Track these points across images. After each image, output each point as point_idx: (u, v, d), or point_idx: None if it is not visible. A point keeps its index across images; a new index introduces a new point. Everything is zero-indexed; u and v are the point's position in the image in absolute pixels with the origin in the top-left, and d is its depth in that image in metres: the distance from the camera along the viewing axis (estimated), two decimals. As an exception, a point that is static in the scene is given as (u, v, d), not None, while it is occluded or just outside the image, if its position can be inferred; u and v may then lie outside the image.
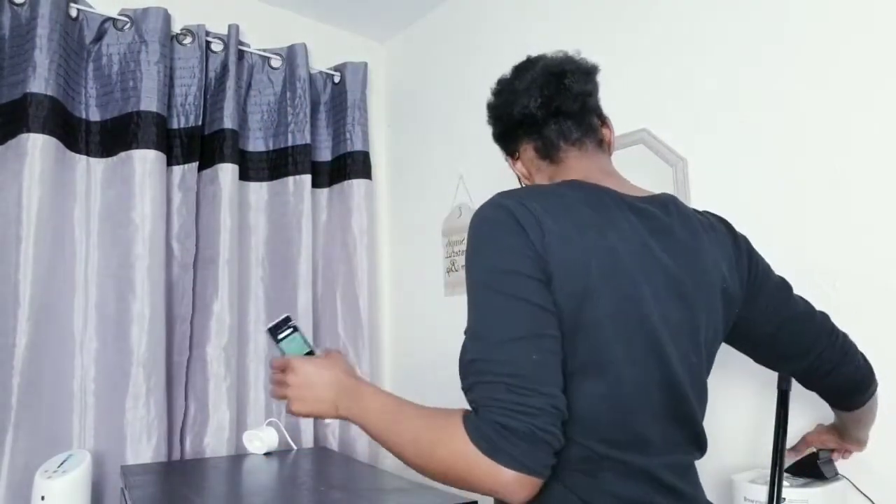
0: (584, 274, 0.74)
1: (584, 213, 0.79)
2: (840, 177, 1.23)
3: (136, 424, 1.69)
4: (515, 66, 1.01)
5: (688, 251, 0.86)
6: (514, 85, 0.96)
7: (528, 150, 0.97)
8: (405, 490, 1.32)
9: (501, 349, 0.71)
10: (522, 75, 0.97)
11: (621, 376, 0.76)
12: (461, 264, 2.08)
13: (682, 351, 0.81)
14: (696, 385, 0.85)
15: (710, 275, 0.87)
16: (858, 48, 1.22)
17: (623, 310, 0.76)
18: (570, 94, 0.93)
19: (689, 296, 0.83)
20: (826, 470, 1.14)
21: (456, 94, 2.18)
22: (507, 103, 0.96)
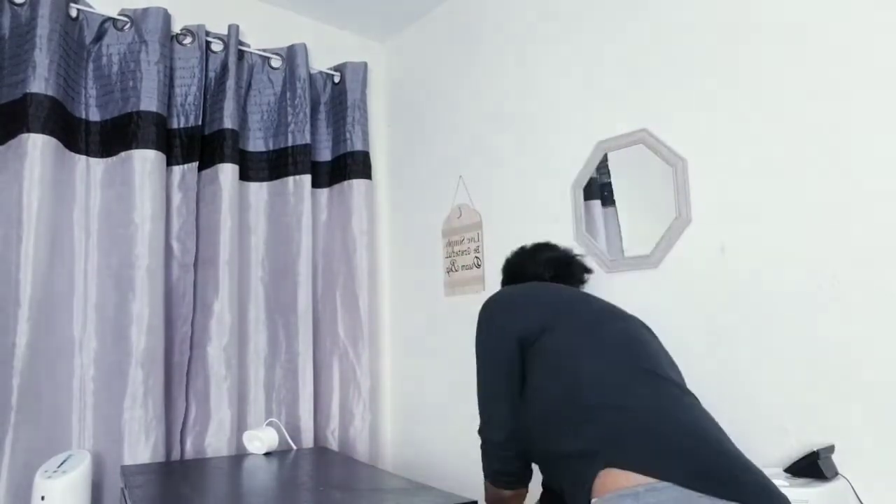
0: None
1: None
2: (839, 176, 1.23)
3: (133, 424, 1.69)
4: (537, 245, 1.50)
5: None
6: (535, 258, 1.45)
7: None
8: (405, 490, 1.32)
9: (481, 403, 1.27)
10: (541, 252, 1.47)
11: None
12: (461, 264, 2.08)
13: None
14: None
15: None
16: (858, 48, 1.22)
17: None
18: (570, 273, 1.46)
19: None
20: (826, 470, 1.14)
21: (456, 94, 2.18)
22: (524, 264, 1.45)
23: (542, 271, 1.40)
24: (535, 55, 1.88)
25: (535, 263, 1.42)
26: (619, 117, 1.63)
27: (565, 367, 1.10)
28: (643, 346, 1.13)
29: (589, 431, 0.99)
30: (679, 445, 0.93)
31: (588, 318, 1.18)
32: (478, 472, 1.95)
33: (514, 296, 1.27)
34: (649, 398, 1.01)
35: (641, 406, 1.00)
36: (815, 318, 1.25)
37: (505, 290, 1.29)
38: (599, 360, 1.08)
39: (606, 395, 1.03)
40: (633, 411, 0.99)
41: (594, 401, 1.02)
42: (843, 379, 1.20)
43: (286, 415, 2.04)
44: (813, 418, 1.24)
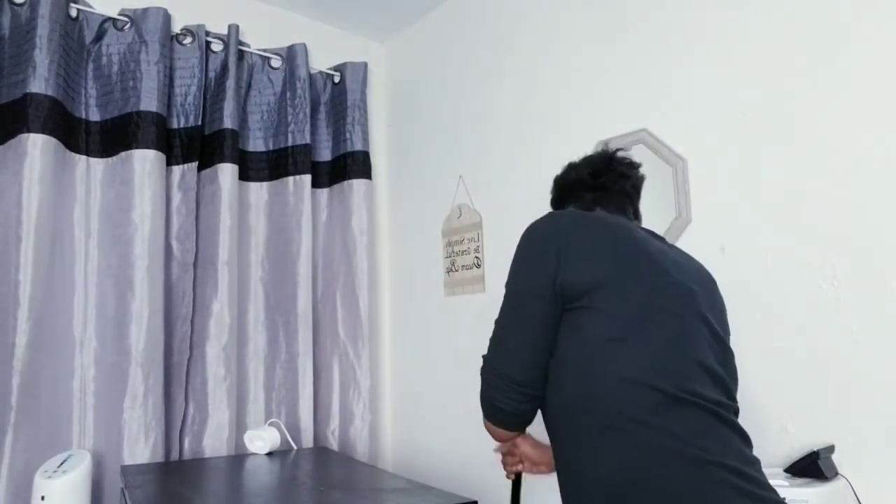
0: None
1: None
2: (839, 175, 1.23)
3: (133, 424, 1.69)
4: (587, 156, 1.27)
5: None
6: (582, 166, 1.23)
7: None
8: (405, 490, 1.32)
9: (497, 338, 1.06)
10: (589, 160, 1.25)
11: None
12: (461, 264, 2.08)
13: None
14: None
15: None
16: (858, 48, 1.22)
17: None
18: (614, 174, 1.19)
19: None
20: (826, 470, 1.14)
21: (456, 94, 2.18)
22: (571, 176, 1.24)
23: (589, 181, 1.19)
24: (535, 55, 1.88)
25: (582, 173, 1.21)
26: (619, 117, 1.63)
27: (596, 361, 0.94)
28: (695, 350, 0.95)
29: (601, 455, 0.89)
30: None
31: (643, 297, 0.96)
32: (478, 472, 1.95)
33: (569, 229, 1.01)
34: (664, 436, 0.87)
35: (649, 446, 0.88)
36: (815, 318, 1.25)
37: (563, 215, 1.05)
38: (632, 367, 0.91)
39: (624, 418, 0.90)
40: (644, 447, 0.88)
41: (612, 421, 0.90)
42: (843, 379, 1.20)
43: (286, 415, 2.04)
44: (813, 418, 1.24)
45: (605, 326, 0.94)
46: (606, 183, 1.18)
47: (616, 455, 0.89)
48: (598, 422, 0.91)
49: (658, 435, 0.87)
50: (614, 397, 0.90)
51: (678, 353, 0.93)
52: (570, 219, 1.03)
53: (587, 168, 1.20)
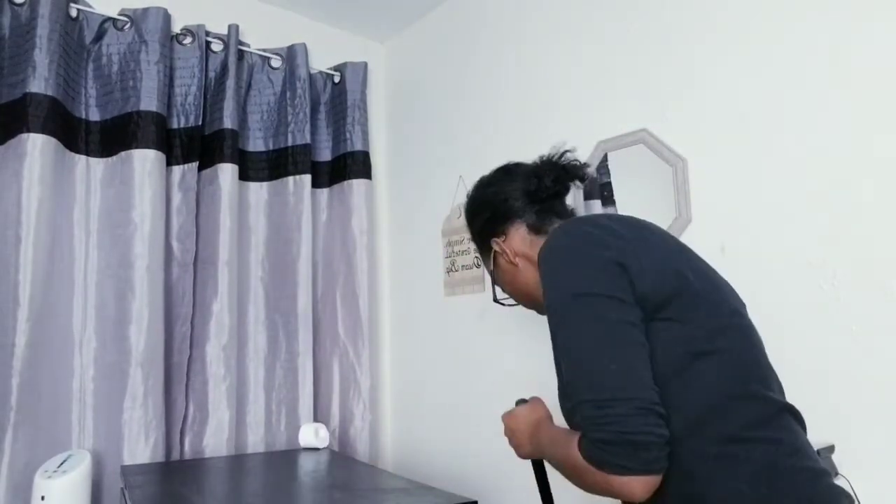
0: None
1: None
2: (839, 175, 1.23)
3: (133, 424, 1.69)
4: (501, 167, 1.16)
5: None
6: (510, 176, 1.12)
7: (520, 229, 1.09)
8: (405, 490, 1.32)
9: (580, 369, 0.81)
10: (515, 169, 1.13)
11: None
12: (461, 264, 2.08)
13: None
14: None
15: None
16: (859, 48, 1.22)
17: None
18: (567, 170, 1.10)
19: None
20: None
21: (456, 94, 2.18)
22: (502, 190, 1.10)
23: (534, 186, 1.07)
24: (535, 55, 1.88)
25: (518, 182, 1.09)
26: (619, 117, 1.63)
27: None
28: (762, 351, 0.91)
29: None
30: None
31: (716, 303, 0.88)
32: (478, 472, 1.95)
33: (622, 236, 0.88)
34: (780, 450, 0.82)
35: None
36: (815, 318, 1.25)
37: (597, 223, 0.91)
38: (731, 381, 0.84)
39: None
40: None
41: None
42: (842, 379, 1.20)
43: (286, 415, 2.04)
44: (813, 418, 1.24)
45: (691, 338, 0.82)
46: (557, 190, 1.09)
47: (733, 478, 0.79)
48: (709, 443, 0.80)
49: (772, 450, 0.81)
50: (720, 415, 0.81)
51: (756, 358, 0.88)
52: (613, 224, 0.90)
53: (526, 176, 1.09)
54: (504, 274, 1.12)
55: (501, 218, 1.09)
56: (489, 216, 1.11)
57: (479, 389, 1.98)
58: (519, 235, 1.08)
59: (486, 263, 1.15)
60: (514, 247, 1.08)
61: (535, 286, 1.01)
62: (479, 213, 1.13)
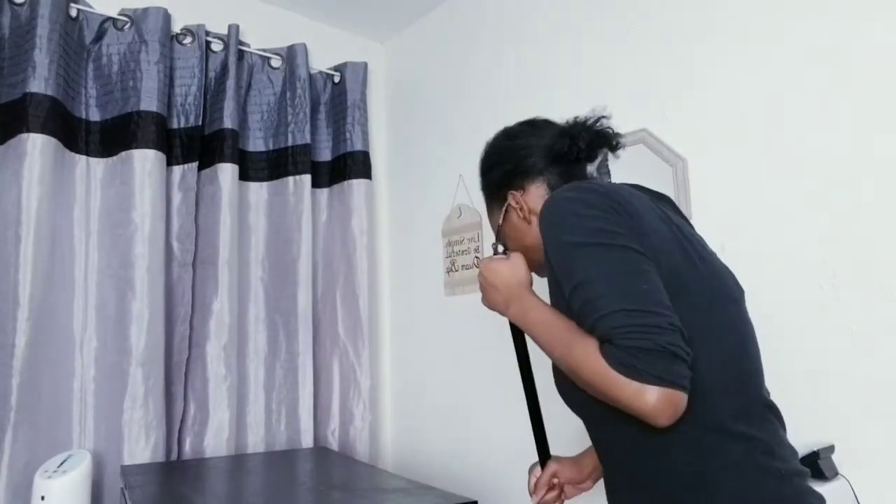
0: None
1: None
2: (839, 175, 1.23)
3: (134, 424, 1.69)
4: (528, 121, 1.12)
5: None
6: (539, 131, 1.08)
7: (540, 188, 1.04)
8: (405, 490, 1.32)
9: (610, 284, 0.78)
10: (544, 126, 1.09)
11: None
12: (461, 264, 2.08)
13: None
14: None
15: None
16: (859, 48, 1.22)
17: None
18: (604, 137, 1.04)
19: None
20: (826, 470, 1.14)
21: (456, 93, 2.18)
22: (528, 144, 1.06)
23: (565, 147, 1.01)
24: (535, 55, 1.88)
25: (546, 139, 1.04)
26: (619, 117, 1.63)
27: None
28: (752, 342, 0.91)
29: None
30: None
31: (710, 282, 0.88)
32: (478, 472, 1.95)
33: (623, 199, 0.86)
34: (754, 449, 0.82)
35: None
36: (816, 317, 1.25)
37: (601, 185, 0.89)
38: (715, 370, 0.82)
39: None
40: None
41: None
42: (843, 379, 1.20)
43: (286, 415, 2.04)
44: (813, 418, 1.24)
45: (684, 316, 0.78)
46: (589, 155, 1.04)
47: (703, 469, 0.80)
48: (692, 428, 0.78)
49: (747, 448, 0.80)
50: (707, 403, 0.79)
51: (746, 349, 0.87)
52: (613, 189, 0.88)
53: (558, 135, 1.03)
54: (512, 230, 1.08)
55: (523, 173, 1.05)
56: (510, 169, 1.06)
57: (479, 389, 1.98)
58: (538, 194, 1.03)
59: (493, 215, 1.11)
60: (531, 204, 1.03)
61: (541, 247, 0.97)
62: (499, 165, 1.08)
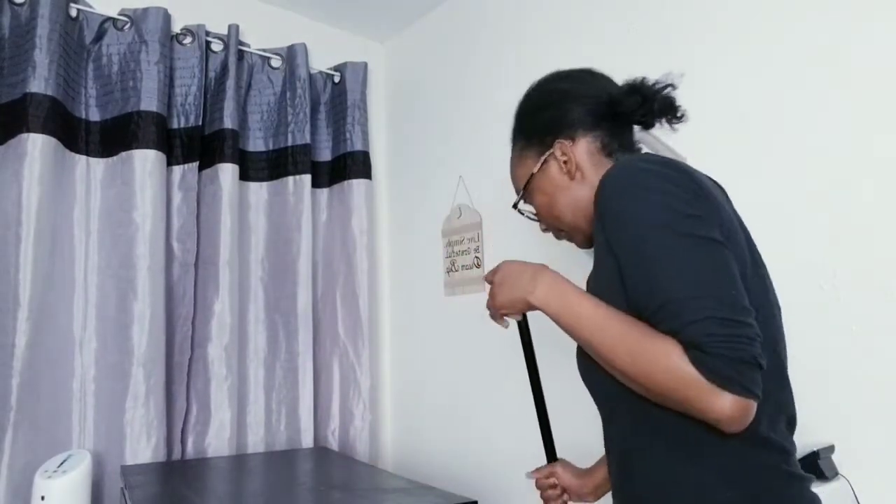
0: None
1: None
2: (839, 175, 1.23)
3: (135, 424, 1.69)
4: (587, 70, 1.03)
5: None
6: (599, 80, 0.98)
7: (594, 142, 0.93)
8: (405, 490, 1.32)
9: (701, 285, 0.72)
10: (605, 77, 1.00)
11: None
12: (461, 264, 2.08)
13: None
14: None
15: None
16: (859, 48, 1.22)
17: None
18: (676, 108, 0.96)
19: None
20: (826, 470, 1.14)
21: (456, 93, 2.18)
22: (589, 90, 0.95)
23: (636, 105, 0.92)
24: (535, 55, 1.88)
25: (611, 91, 0.95)
26: (619, 117, 1.63)
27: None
28: (784, 353, 0.90)
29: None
30: None
31: (763, 288, 0.86)
32: (478, 472, 1.95)
33: (707, 189, 0.80)
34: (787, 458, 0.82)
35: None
36: (816, 318, 1.25)
37: (681, 165, 0.82)
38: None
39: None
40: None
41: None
42: (843, 379, 1.20)
43: (286, 415, 2.04)
44: (813, 418, 1.24)
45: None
46: (653, 122, 0.95)
47: (735, 475, 0.77)
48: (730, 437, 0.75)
49: (782, 457, 0.80)
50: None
51: (785, 360, 0.87)
52: (698, 175, 0.82)
53: (628, 91, 0.93)
54: (548, 184, 0.95)
55: (575, 122, 0.93)
56: (560, 115, 0.94)
57: (479, 389, 1.98)
58: (590, 148, 0.93)
59: (523, 166, 0.98)
60: (580, 158, 0.93)
61: (583, 210, 0.91)
62: (548, 107, 0.96)
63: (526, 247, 1.88)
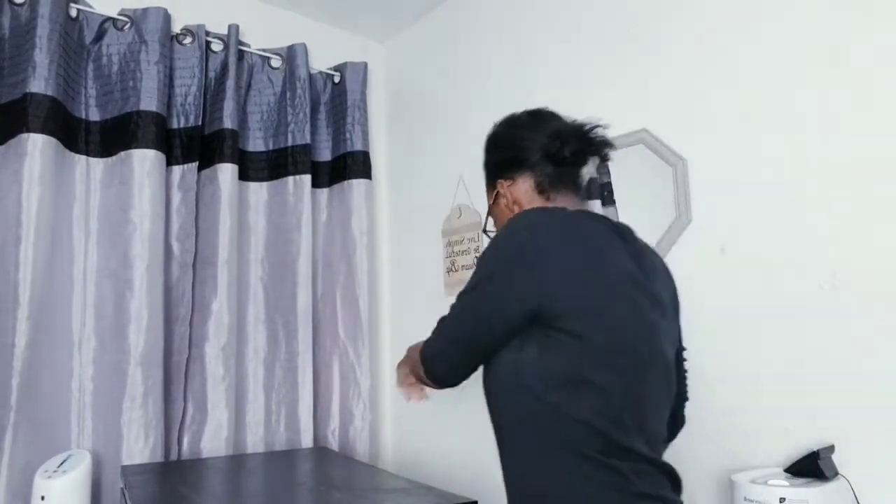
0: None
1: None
2: (839, 175, 1.23)
3: (133, 424, 1.69)
4: (533, 112, 1.19)
5: (658, 272, 1.06)
6: (537, 126, 1.13)
7: (527, 182, 1.10)
8: (405, 490, 1.32)
9: (443, 328, 1.14)
10: (545, 120, 1.15)
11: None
12: (461, 264, 2.08)
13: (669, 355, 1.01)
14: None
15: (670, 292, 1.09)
16: (858, 47, 1.22)
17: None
18: (593, 146, 1.09)
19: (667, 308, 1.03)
20: (826, 470, 1.14)
21: (456, 93, 2.17)
22: (525, 137, 1.12)
23: (554, 149, 1.06)
24: (535, 55, 1.88)
25: (541, 136, 1.10)
26: (619, 117, 1.63)
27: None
28: (644, 408, 0.95)
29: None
30: None
31: (614, 335, 0.92)
32: (478, 472, 1.95)
33: (552, 239, 0.93)
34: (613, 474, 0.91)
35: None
36: (816, 318, 1.25)
37: (546, 220, 0.96)
38: (590, 411, 0.90)
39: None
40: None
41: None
42: (843, 379, 1.20)
43: (286, 415, 2.04)
44: (813, 418, 1.24)
45: (574, 360, 0.89)
46: (575, 160, 1.08)
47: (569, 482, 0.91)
48: (556, 448, 0.91)
49: (608, 472, 0.90)
50: (570, 432, 0.90)
51: (627, 410, 0.91)
52: (554, 226, 0.94)
53: (551, 135, 1.08)
54: (500, 214, 1.15)
55: (515, 164, 1.10)
56: (506, 157, 1.12)
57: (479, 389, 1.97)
58: (525, 187, 1.09)
59: (487, 194, 1.18)
60: (517, 195, 1.10)
61: None
62: (496, 151, 1.16)
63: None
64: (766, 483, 1.14)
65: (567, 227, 0.95)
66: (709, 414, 1.41)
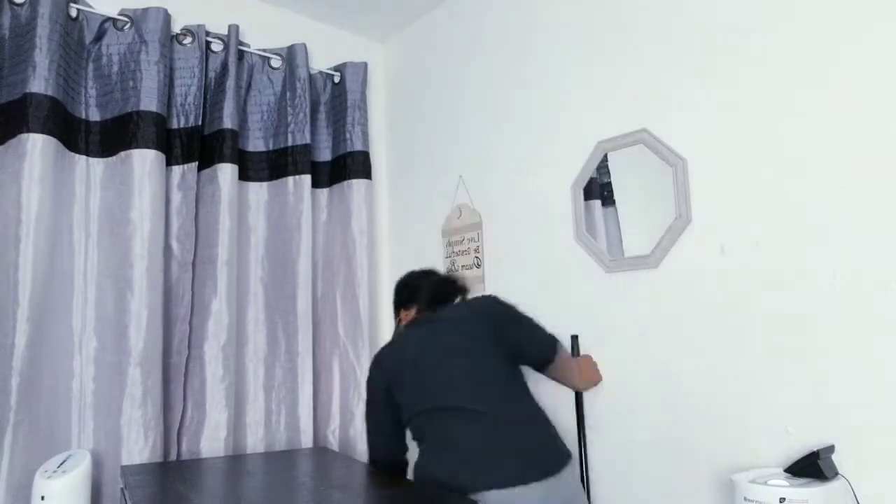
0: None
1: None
2: (839, 176, 1.23)
3: (133, 424, 1.69)
4: (425, 270, 1.78)
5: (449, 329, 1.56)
6: (428, 280, 1.71)
7: (412, 310, 1.67)
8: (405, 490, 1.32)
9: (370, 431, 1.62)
10: (431, 277, 1.73)
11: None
12: (461, 264, 2.08)
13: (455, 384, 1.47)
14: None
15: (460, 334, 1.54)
16: (859, 48, 1.22)
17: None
18: (463, 291, 1.73)
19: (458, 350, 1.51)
20: (826, 470, 1.14)
21: (456, 93, 2.18)
22: (419, 286, 1.69)
23: (426, 291, 1.67)
24: (535, 55, 1.88)
25: (421, 286, 1.69)
26: (619, 117, 1.63)
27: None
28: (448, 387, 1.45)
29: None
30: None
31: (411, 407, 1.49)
32: (478, 472, 1.94)
33: (383, 352, 1.62)
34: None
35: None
36: (815, 318, 1.25)
37: (381, 361, 1.60)
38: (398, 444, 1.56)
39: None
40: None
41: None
42: (843, 379, 1.20)
43: (286, 415, 2.04)
44: (813, 418, 1.24)
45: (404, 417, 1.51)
46: (440, 297, 1.66)
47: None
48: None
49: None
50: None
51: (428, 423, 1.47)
52: (387, 363, 1.56)
53: (431, 286, 1.68)
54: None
55: (411, 301, 1.68)
56: (400, 298, 1.71)
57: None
58: (409, 315, 1.66)
59: (395, 317, 1.73)
60: (407, 320, 1.67)
61: None
62: (401, 293, 1.72)
63: (525, 247, 1.88)
64: (766, 483, 1.14)
65: (392, 357, 1.58)
66: (709, 414, 1.41)
